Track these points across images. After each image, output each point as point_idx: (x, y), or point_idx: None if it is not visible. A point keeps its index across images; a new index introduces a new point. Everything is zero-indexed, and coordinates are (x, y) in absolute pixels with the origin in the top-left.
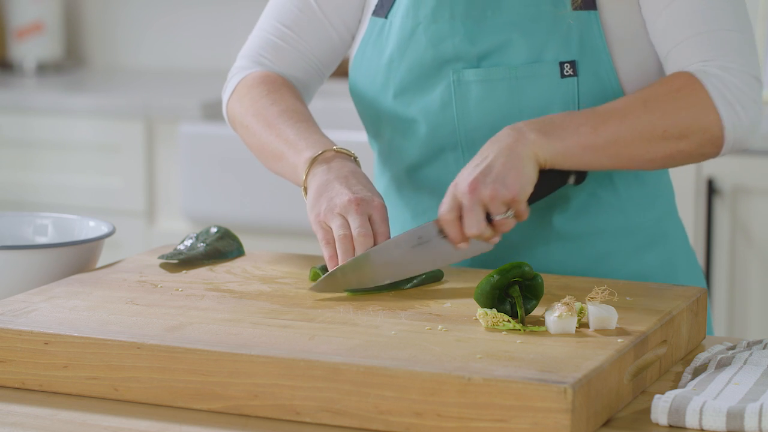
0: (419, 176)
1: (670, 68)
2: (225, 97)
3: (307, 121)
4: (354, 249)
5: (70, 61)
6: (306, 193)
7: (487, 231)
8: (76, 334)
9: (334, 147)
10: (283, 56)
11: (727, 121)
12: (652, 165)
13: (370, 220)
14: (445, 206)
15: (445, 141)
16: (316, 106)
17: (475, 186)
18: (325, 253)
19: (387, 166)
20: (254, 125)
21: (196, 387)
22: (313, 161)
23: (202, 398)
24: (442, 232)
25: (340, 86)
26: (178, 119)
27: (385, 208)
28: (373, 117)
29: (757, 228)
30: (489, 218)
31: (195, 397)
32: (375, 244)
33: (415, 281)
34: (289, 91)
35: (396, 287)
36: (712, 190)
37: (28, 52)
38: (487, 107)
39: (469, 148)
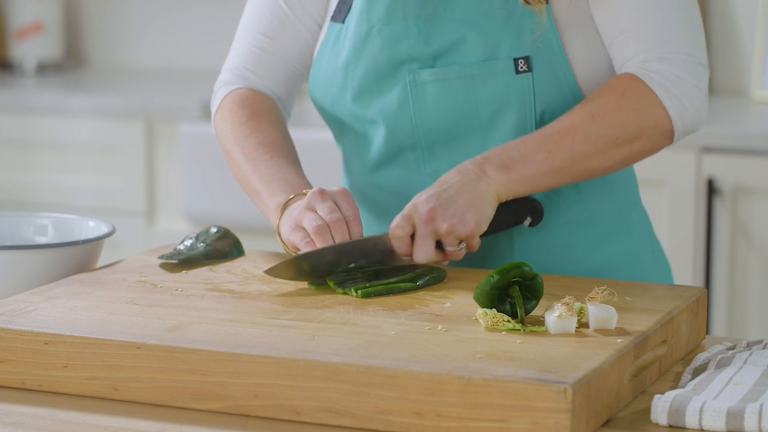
0: (380, 177)
1: (614, 58)
2: (212, 111)
3: (283, 156)
4: (332, 236)
5: (70, 61)
6: (280, 235)
7: (435, 258)
8: (76, 334)
9: (304, 191)
10: (265, 67)
11: (674, 113)
12: (612, 170)
13: (338, 207)
14: (396, 222)
15: (404, 142)
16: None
17: (432, 216)
18: (300, 244)
19: (351, 168)
20: (234, 154)
21: (196, 387)
22: (284, 207)
23: (202, 398)
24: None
25: None
26: (178, 119)
27: (348, 192)
28: (334, 120)
29: (757, 228)
30: (440, 244)
31: (195, 397)
32: (348, 227)
33: (420, 282)
34: (268, 118)
35: (402, 290)
36: (712, 190)
37: (28, 52)
38: (444, 106)
39: (428, 148)
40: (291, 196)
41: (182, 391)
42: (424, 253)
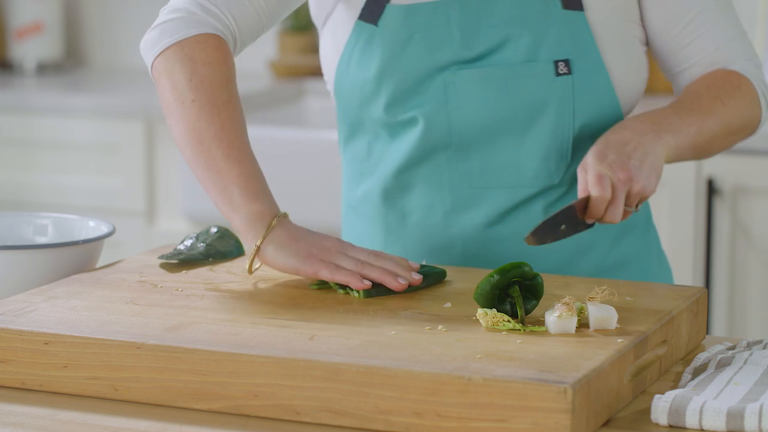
0: (408, 177)
1: (703, 70)
2: (162, 44)
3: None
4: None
5: (70, 61)
6: (257, 250)
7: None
8: (76, 334)
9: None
10: (232, 4)
11: (765, 116)
12: (712, 155)
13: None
14: (600, 185)
15: (438, 141)
16: (315, 106)
17: (630, 177)
18: (346, 277)
19: (366, 172)
20: (218, 129)
21: (196, 387)
22: (270, 228)
23: (202, 398)
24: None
25: None
26: None
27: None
28: (355, 121)
29: (757, 228)
30: None
31: (195, 397)
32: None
33: (422, 284)
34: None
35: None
36: (712, 190)
37: (28, 52)
38: (481, 107)
39: (463, 148)
40: (280, 214)
41: (182, 391)
42: (618, 214)
